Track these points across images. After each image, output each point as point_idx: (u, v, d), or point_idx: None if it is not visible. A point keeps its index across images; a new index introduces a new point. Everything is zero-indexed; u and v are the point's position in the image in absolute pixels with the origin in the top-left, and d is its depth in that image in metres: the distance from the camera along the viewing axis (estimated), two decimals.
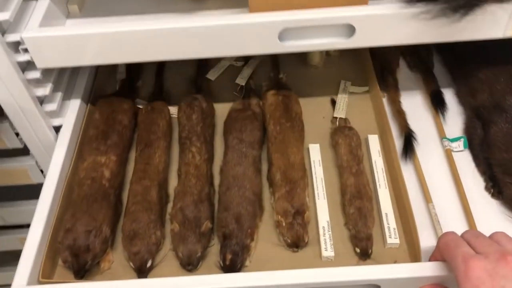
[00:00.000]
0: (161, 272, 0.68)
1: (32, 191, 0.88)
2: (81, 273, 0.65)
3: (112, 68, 0.96)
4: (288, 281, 0.59)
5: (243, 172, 0.73)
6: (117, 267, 0.69)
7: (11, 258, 1.01)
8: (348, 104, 0.88)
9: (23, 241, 0.71)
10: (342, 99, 0.88)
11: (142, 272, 0.66)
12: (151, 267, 0.67)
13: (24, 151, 0.91)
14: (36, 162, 0.92)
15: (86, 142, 0.78)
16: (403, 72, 0.93)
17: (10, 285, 0.61)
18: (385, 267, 0.60)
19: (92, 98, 0.86)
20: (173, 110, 0.87)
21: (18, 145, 0.90)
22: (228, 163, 0.75)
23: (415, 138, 0.79)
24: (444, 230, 0.69)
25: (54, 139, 0.81)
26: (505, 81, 0.77)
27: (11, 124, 0.85)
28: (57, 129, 0.81)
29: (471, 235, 0.55)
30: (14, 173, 0.94)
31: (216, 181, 0.76)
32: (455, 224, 0.71)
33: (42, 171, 0.94)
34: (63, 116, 0.81)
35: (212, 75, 0.94)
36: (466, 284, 0.49)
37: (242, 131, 0.78)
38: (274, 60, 0.96)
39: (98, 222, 0.67)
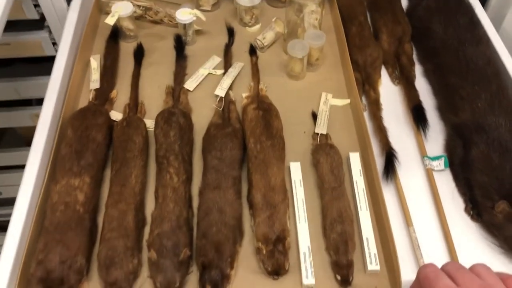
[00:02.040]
0: None
1: (44, 66, 0.98)
2: None
3: (84, 76, 0.92)
4: None
5: (223, 195, 0.71)
6: None
7: None
8: (330, 117, 0.86)
9: (34, 117, 0.78)
10: (323, 113, 0.86)
11: None
12: None
13: (39, 24, 1.08)
14: (49, 35, 1.08)
15: (59, 162, 0.75)
16: (385, 83, 0.92)
17: None
18: None
19: (64, 111, 0.82)
20: (150, 123, 0.84)
21: (35, 16, 1.06)
22: (207, 185, 0.73)
23: (396, 158, 0.78)
24: (424, 254, 0.69)
25: (66, 8, 0.98)
26: (486, 100, 0.77)
27: None
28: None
29: (452, 267, 0.55)
30: (29, 45, 1.09)
31: (195, 202, 0.74)
32: (435, 248, 0.71)
33: (54, 44, 1.08)
34: None
35: (190, 85, 0.91)
36: None
37: (221, 150, 0.76)
38: (255, 69, 0.93)
39: (73, 252, 0.65)
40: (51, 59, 0.91)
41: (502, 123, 0.74)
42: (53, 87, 0.84)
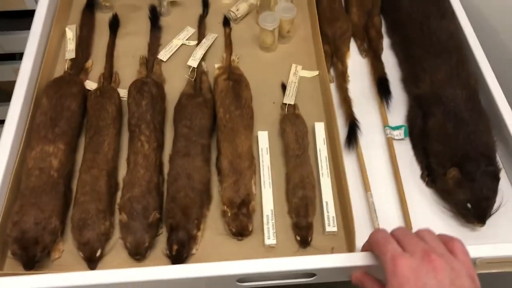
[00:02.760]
0: (111, 260, 0.70)
1: (27, 20, 0.94)
2: (30, 265, 0.66)
3: (59, 45, 0.94)
4: (228, 271, 0.63)
5: (191, 161, 0.75)
6: (68, 256, 0.71)
7: None
8: (298, 89, 0.89)
9: (17, 71, 0.82)
10: (292, 84, 0.89)
11: (92, 261, 0.69)
12: (101, 256, 0.70)
13: None
14: None
15: (34, 129, 0.77)
16: (353, 56, 0.95)
17: None
18: (319, 257, 0.64)
19: (39, 81, 0.85)
20: (124, 93, 0.86)
21: None
22: (177, 153, 0.76)
23: (358, 128, 0.82)
24: (381, 218, 0.74)
25: None
26: (446, 72, 0.80)
27: None
28: None
29: (400, 233, 0.59)
30: None
31: (167, 169, 0.78)
32: (391, 212, 0.75)
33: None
34: None
35: (163, 56, 0.93)
36: (393, 281, 0.53)
37: (191, 119, 0.79)
38: (228, 41, 0.96)
39: (47, 214, 0.68)
40: (33, 13, 0.92)
41: (459, 95, 0.78)
42: (28, 56, 0.86)
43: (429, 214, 0.76)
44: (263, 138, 0.82)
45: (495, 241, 0.72)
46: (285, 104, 0.86)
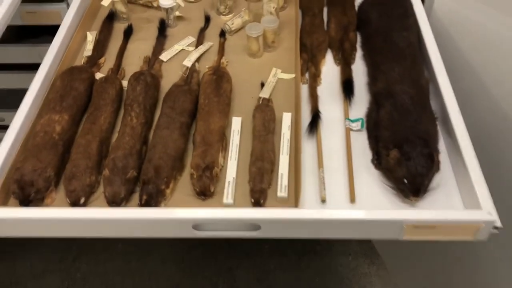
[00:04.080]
0: None
1: None
2: (25, 203, 0.80)
3: (80, 46, 1.12)
4: (182, 215, 0.74)
5: (169, 134, 0.88)
6: (58, 204, 0.84)
7: None
8: (276, 88, 1.02)
9: None
10: (270, 83, 1.02)
11: (75, 207, 0.82)
12: (84, 204, 0.82)
13: None
14: (67, 6, 1.31)
15: (46, 103, 0.94)
16: (330, 65, 1.08)
17: None
18: (263, 209, 0.75)
19: (58, 70, 1.02)
20: (126, 84, 1.02)
21: None
22: (158, 126, 0.90)
23: (320, 118, 0.93)
24: (328, 191, 0.83)
25: None
26: (399, 72, 0.91)
27: None
28: None
29: None
30: (50, 14, 1.36)
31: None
32: (338, 186, 0.84)
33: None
34: None
35: (164, 57, 1.09)
36: None
37: (175, 101, 0.93)
38: (221, 48, 1.11)
39: (43, 164, 0.82)
40: None
41: (407, 90, 0.88)
42: (52, 50, 1.04)
43: (375, 192, 0.84)
44: (237, 122, 0.94)
45: None
46: (261, 97, 0.98)
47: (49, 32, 1.42)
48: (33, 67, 1.47)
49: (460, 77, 0.96)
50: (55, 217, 0.75)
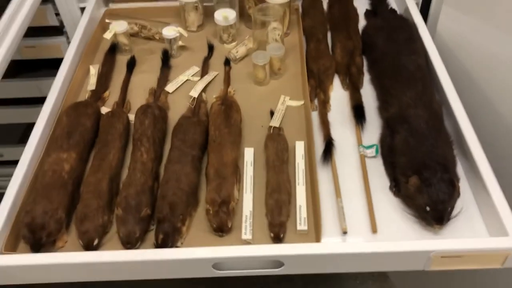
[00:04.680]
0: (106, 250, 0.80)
1: None
2: (36, 248, 0.77)
3: (84, 79, 1.11)
4: (201, 255, 0.71)
5: (182, 168, 0.86)
6: (70, 247, 0.81)
7: None
8: (285, 115, 1.01)
9: None
10: (279, 111, 1.01)
11: (89, 249, 0.79)
12: (98, 246, 0.80)
13: (58, 30, 1.33)
14: (67, 39, 1.32)
15: (53, 140, 0.91)
16: (337, 90, 1.07)
17: None
18: (287, 245, 0.72)
19: (63, 105, 1.00)
20: (133, 117, 1.00)
21: (56, 23, 1.30)
22: (170, 161, 0.88)
23: (334, 145, 0.92)
24: (348, 221, 0.81)
25: (79, 15, 1.24)
26: (411, 97, 0.90)
27: (54, 6, 1.27)
28: (82, 10, 1.25)
29: None
30: (50, 48, 1.35)
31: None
32: (358, 216, 0.83)
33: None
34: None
35: (170, 88, 1.08)
36: None
37: (185, 134, 0.91)
38: (226, 76, 1.10)
39: (54, 205, 0.80)
40: None
41: (421, 114, 0.87)
42: (55, 86, 1.02)
43: (396, 220, 0.82)
44: (249, 153, 0.92)
45: None
46: (271, 126, 0.97)
47: (48, 65, 1.41)
48: (33, 101, 1.46)
49: (465, 96, 0.96)
50: (70, 262, 0.72)
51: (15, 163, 0.86)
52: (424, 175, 0.79)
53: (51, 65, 1.37)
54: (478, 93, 1.13)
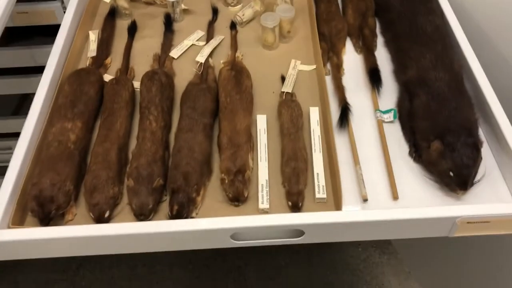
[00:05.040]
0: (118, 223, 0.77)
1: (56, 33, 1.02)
2: (45, 221, 0.73)
3: (83, 46, 1.05)
4: (219, 225, 0.69)
5: (194, 136, 0.82)
6: (80, 219, 0.78)
7: None
8: (297, 80, 0.97)
9: None
10: (290, 76, 0.97)
11: (100, 222, 0.75)
12: (109, 218, 0.77)
13: None
14: (62, 4, 1.22)
15: (56, 110, 0.87)
16: (350, 53, 1.03)
17: None
18: (307, 214, 0.70)
19: (63, 73, 0.95)
20: (137, 84, 0.95)
21: None
22: (181, 129, 0.84)
23: (350, 110, 0.88)
24: (368, 188, 0.79)
25: None
26: (430, 58, 0.87)
27: None
28: None
29: None
30: (44, 14, 1.25)
31: (172, 147, 0.85)
32: (378, 183, 0.80)
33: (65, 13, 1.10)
34: None
35: (175, 54, 1.03)
36: None
37: (195, 101, 0.87)
38: (233, 41, 1.05)
39: (62, 177, 0.76)
40: None
41: (442, 77, 0.84)
42: (54, 54, 0.97)
43: (417, 186, 0.80)
44: (262, 120, 0.89)
45: None
46: (283, 92, 0.93)
47: (41, 32, 1.35)
48: (27, 71, 1.40)
49: (482, 57, 0.92)
50: (83, 235, 0.69)
51: (9, 136, 0.82)
52: (447, 139, 0.76)
53: (45, 32, 1.32)
54: (496, 54, 1.09)
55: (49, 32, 1.31)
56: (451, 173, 0.75)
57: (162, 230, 0.69)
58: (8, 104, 1.57)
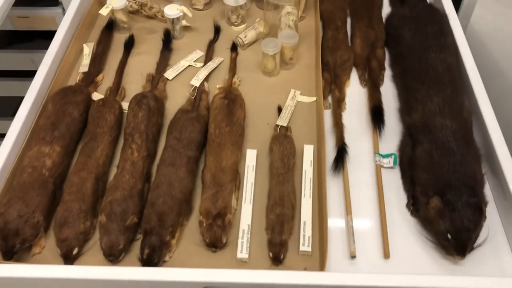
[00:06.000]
0: (87, 260, 0.72)
1: None
2: (9, 255, 0.69)
3: (76, 59, 1.01)
4: (189, 278, 0.63)
5: (175, 171, 0.77)
6: (48, 253, 0.73)
7: None
8: (295, 112, 0.91)
9: None
10: (288, 107, 0.91)
11: (68, 259, 0.71)
12: (77, 255, 0.72)
13: (53, 1, 1.23)
14: (63, 11, 1.22)
15: (36, 131, 0.83)
16: (355, 85, 0.96)
17: None
18: (284, 272, 0.64)
19: (51, 89, 0.91)
20: (127, 105, 0.91)
21: None
22: (163, 162, 0.79)
23: (347, 152, 0.82)
24: (358, 243, 0.73)
25: None
26: (437, 102, 0.80)
27: None
28: None
29: None
30: (44, 19, 1.25)
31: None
32: (369, 237, 0.74)
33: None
34: None
35: (169, 74, 0.98)
36: None
37: (181, 131, 0.82)
38: (232, 64, 0.99)
39: (31, 208, 0.72)
40: None
41: (448, 125, 0.77)
42: (44, 66, 0.92)
43: (411, 244, 0.73)
44: (251, 156, 0.83)
45: None
46: (278, 125, 0.87)
47: (42, 36, 1.31)
48: (26, 74, 1.37)
49: (497, 96, 0.85)
50: (40, 276, 0.64)
51: None
52: (447, 196, 0.69)
53: (46, 36, 1.28)
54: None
55: (50, 37, 1.29)
56: (449, 235, 0.68)
57: (127, 278, 0.64)
58: (8, 105, 1.55)
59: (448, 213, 0.68)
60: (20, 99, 1.54)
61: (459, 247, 0.68)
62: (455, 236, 0.68)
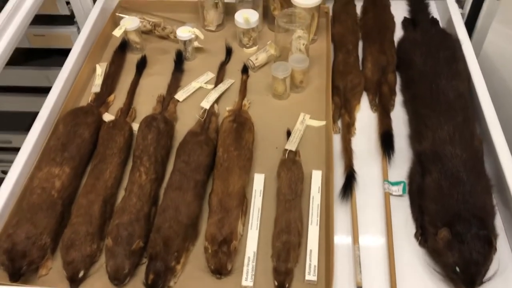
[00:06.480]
0: (92, 283, 0.72)
1: None
2: (15, 277, 0.70)
3: (89, 79, 1.02)
4: None
5: (182, 195, 0.77)
6: (54, 275, 0.74)
7: None
8: (304, 136, 0.91)
9: None
10: (297, 132, 0.90)
11: (73, 281, 0.71)
12: (83, 278, 0.72)
13: (69, 20, 1.24)
14: (78, 30, 1.23)
15: (46, 151, 0.83)
16: (365, 110, 0.96)
17: None
18: None
19: (63, 109, 0.92)
20: (137, 126, 0.91)
21: (67, 12, 1.22)
22: (170, 186, 0.79)
23: (355, 179, 0.81)
24: (365, 273, 0.72)
25: (91, 6, 1.15)
26: (448, 130, 0.79)
27: None
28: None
29: None
30: (60, 37, 1.26)
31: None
32: (376, 268, 0.73)
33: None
34: None
35: (180, 96, 0.98)
36: None
37: (189, 155, 0.82)
38: (243, 86, 1.00)
39: (39, 230, 0.72)
40: None
41: (458, 154, 0.76)
42: (56, 86, 0.94)
43: (419, 275, 0.72)
44: (259, 180, 0.83)
45: None
46: (287, 149, 0.87)
47: (58, 53, 1.33)
48: (42, 91, 1.39)
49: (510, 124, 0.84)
50: None
51: None
52: (456, 228, 0.68)
53: (62, 54, 1.30)
54: None
55: (65, 54, 1.31)
56: (457, 268, 0.67)
57: None
58: (24, 120, 1.57)
59: (457, 245, 0.67)
60: (35, 114, 1.57)
61: (467, 281, 0.66)
62: (463, 269, 0.66)
